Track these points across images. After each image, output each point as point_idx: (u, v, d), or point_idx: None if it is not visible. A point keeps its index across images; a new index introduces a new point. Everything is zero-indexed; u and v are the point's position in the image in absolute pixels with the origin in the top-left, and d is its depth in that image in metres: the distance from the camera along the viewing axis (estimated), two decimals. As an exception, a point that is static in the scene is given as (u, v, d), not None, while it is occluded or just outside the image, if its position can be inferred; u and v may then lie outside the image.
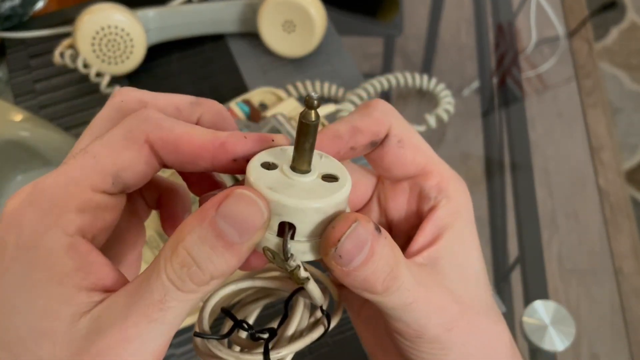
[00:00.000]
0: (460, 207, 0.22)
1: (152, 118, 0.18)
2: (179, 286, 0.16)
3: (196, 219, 0.16)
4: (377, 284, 0.18)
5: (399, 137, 0.22)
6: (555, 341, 0.45)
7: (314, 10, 0.55)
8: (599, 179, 0.89)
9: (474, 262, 0.22)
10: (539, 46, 0.83)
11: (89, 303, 0.16)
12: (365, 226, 0.17)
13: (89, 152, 0.18)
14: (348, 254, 0.17)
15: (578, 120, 0.83)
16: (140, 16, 0.56)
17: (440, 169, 0.22)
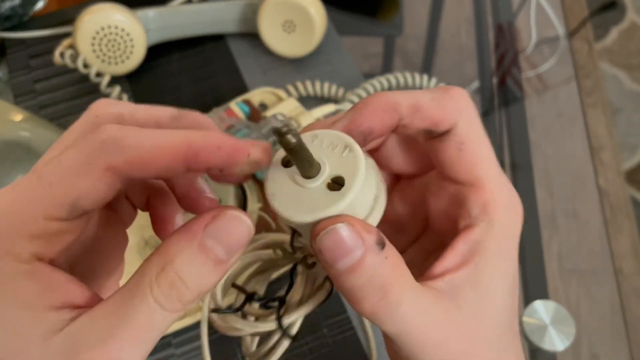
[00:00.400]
0: (501, 238, 0.20)
1: (113, 140, 0.16)
2: (166, 307, 0.16)
3: (184, 240, 0.16)
4: (364, 303, 0.17)
5: (461, 139, 0.20)
6: (555, 341, 0.45)
7: (314, 10, 0.55)
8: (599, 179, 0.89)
9: (500, 300, 0.19)
10: (539, 46, 0.83)
11: (60, 321, 0.16)
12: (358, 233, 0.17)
13: (43, 177, 0.16)
14: (327, 251, 0.17)
15: (578, 120, 0.83)
16: (140, 16, 0.56)
17: (496, 190, 0.20)
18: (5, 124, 0.44)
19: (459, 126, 0.20)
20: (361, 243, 0.17)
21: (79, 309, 0.16)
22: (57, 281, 0.16)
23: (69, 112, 0.57)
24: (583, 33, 0.93)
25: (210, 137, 0.17)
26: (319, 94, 0.57)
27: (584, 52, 0.92)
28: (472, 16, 0.85)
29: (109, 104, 0.19)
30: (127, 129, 0.17)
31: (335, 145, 0.19)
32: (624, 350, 0.64)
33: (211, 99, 0.57)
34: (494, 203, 0.20)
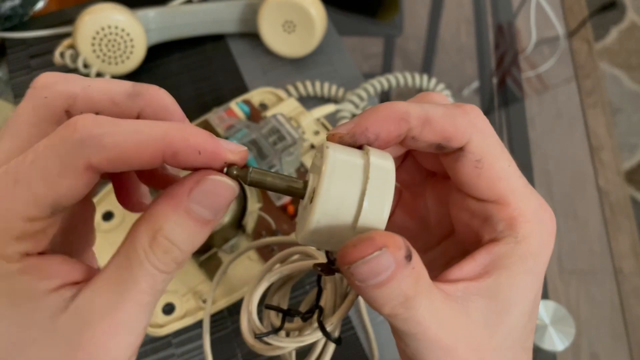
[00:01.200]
0: (528, 253, 0.19)
1: (91, 138, 0.16)
2: (164, 270, 0.17)
3: (169, 207, 0.17)
4: (385, 307, 0.17)
5: (479, 156, 0.19)
6: (555, 341, 0.45)
7: (314, 11, 0.55)
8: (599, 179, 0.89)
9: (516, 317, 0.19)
10: (538, 46, 0.83)
11: (62, 301, 0.16)
12: (392, 254, 0.17)
13: (20, 180, 0.16)
14: (361, 275, 0.17)
15: (578, 120, 0.83)
16: (141, 16, 0.56)
17: (522, 203, 0.19)
18: (6, 124, 0.44)
19: (473, 143, 0.19)
20: (393, 262, 0.17)
21: (78, 284, 0.17)
22: (50, 267, 0.17)
23: (69, 112, 0.57)
24: (583, 33, 0.93)
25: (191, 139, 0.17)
26: (319, 94, 0.57)
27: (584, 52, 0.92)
28: (472, 16, 0.85)
29: (56, 80, 0.18)
30: (104, 123, 0.16)
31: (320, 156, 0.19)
32: (623, 349, 0.64)
33: (211, 99, 0.57)
34: (522, 218, 0.19)
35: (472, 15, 0.86)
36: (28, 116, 0.18)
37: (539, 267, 0.19)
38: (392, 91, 0.63)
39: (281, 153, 0.45)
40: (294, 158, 0.47)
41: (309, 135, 0.51)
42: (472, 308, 0.19)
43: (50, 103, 0.18)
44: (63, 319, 0.16)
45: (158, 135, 0.16)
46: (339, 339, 0.23)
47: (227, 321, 0.44)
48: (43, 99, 0.18)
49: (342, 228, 0.18)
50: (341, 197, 0.18)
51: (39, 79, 0.18)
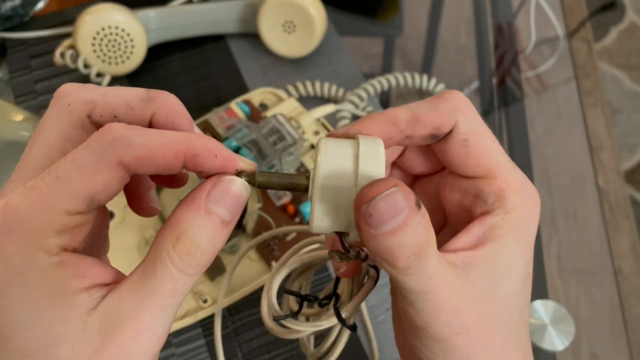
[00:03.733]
0: (518, 222, 0.20)
1: (122, 138, 0.18)
2: (187, 272, 0.18)
3: (191, 210, 0.18)
4: (400, 259, 0.18)
5: (465, 136, 0.21)
6: (554, 341, 0.45)
7: (314, 11, 0.55)
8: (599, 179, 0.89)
9: (512, 284, 0.20)
10: (538, 46, 0.83)
11: (92, 300, 0.17)
12: (405, 195, 0.18)
13: (61, 177, 0.17)
14: (379, 215, 0.17)
15: (577, 120, 0.83)
16: (141, 16, 0.56)
17: (508, 176, 0.21)
18: (6, 124, 0.44)
19: (459, 125, 0.21)
20: (406, 204, 0.18)
21: (107, 286, 0.18)
22: (84, 266, 0.18)
23: (69, 112, 0.57)
24: (582, 33, 0.93)
25: (209, 144, 0.19)
26: (319, 94, 0.57)
27: (584, 52, 0.92)
28: (472, 16, 0.85)
29: (77, 89, 0.20)
30: (133, 128, 0.18)
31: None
32: (623, 349, 0.64)
33: (211, 99, 0.57)
34: (509, 189, 0.21)
35: (472, 16, 0.86)
36: (54, 122, 0.19)
37: (529, 235, 0.21)
38: (392, 91, 0.63)
39: (281, 153, 0.46)
40: (294, 158, 0.47)
41: (309, 135, 0.51)
42: (473, 276, 0.20)
43: (73, 109, 0.19)
44: (92, 318, 0.17)
45: (181, 139, 0.18)
46: (354, 326, 0.24)
47: (227, 321, 0.44)
48: (67, 105, 0.19)
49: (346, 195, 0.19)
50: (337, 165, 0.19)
51: (61, 89, 0.20)
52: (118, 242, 0.45)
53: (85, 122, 0.20)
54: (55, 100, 0.20)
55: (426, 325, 0.19)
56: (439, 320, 0.19)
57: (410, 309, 0.19)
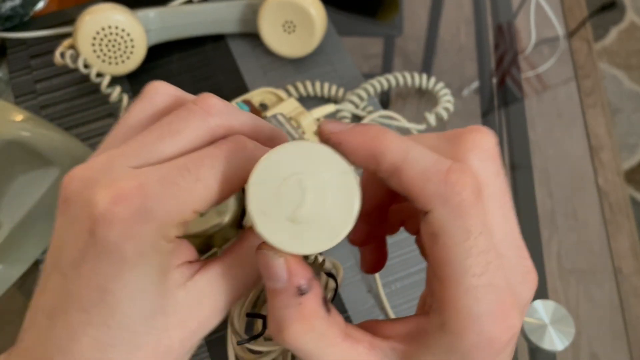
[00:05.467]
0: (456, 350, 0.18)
1: (254, 158, 0.19)
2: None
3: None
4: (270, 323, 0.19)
5: (434, 230, 0.17)
6: (554, 341, 0.45)
7: (314, 11, 0.55)
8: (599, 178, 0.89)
9: None
10: (538, 46, 0.83)
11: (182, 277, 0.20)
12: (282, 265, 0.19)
13: (201, 180, 0.19)
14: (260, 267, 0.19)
15: (577, 120, 0.83)
16: (141, 16, 0.56)
17: (459, 300, 0.17)
18: (6, 124, 0.44)
19: (434, 215, 0.17)
20: (285, 279, 0.19)
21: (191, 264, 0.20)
22: (180, 246, 0.20)
23: (69, 113, 0.57)
24: (582, 33, 0.93)
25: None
26: (319, 94, 0.57)
27: (584, 52, 0.92)
28: (472, 16, 0.85)
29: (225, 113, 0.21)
30: (263, 149, 0.20)
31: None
32: (623, 349, 0.64)
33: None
34: (452, 312, 0.17)
35: (471, 16, 0.86)
36: (199, 135, 0.20)
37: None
38: (392, 91, 0.63)
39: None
40: (294, 158, 0.47)
41: (309, 135, 0.51)
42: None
43: (218, 131, 0.20)
44: (181, 293, 0.19)
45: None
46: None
47: (227, 321, 0.44)
48: (216, 126, 0.20)
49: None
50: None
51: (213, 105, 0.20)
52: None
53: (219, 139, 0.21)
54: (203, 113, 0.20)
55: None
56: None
57: None
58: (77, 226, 0.18)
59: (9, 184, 0.46)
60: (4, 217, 0.46)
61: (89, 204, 0.18)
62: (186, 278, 0.20)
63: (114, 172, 0.18)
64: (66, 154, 0.47)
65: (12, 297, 0.49)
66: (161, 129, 0.20)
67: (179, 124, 0.20)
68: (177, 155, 0.19)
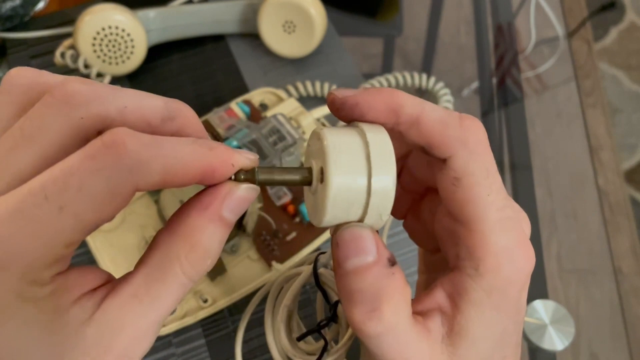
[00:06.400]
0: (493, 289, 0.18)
1: (140, 164, 0.16)
2: (195, 279, 0.17)
3: (205, 219, 0.17)
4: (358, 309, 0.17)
5: (457, 175, 0.18)
6: (554, 340, 0.45)
7: (314, 11, 0.55)
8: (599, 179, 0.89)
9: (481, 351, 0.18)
10: (538, 46, 0.83)
11: (84, 311, 0.16)
12: (375, 241, 0.17)
13: (65, 208, 0.15)
14: (344, 245, 0.17)
15: (577, 120, 0.83)
16: (141, 17, 0.56)
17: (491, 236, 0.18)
18: (6, 124, 0.44)
19: (455, 159, 0.18)
20: (375, 251, 0.17)
21: (97, 290, 0.17)
22: (71, 281, 0.17)
23: (69, 112, 0.57)
24: (582, 33, 0.93)
25: (225, 156, 0.17)
26: (319, 94, 0.57)
27: (584, 53, 0.92)
28: (472, 16, 0.85)
29: (91, 99, 0.17)
30: (149, 145, 0.16)
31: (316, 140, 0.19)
32: (623, 349, 0.64)
33: (211, 99, 0.57)
34: (484, 250, 0.18)
35: (471, 16, 0.86)
36: (60, 135, 0.16)
37: (508, 305, 0.19)
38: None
39: (281, 153, 0.46)
40: (294, 158, 0.47)
41: (309, 135, 0.51)
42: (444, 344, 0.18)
43: (86, 124, 0.17)
44: (89, 329, 0.16)
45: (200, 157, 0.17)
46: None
47: (227, 321, 0.44)
48: (79, 119, 0.16)
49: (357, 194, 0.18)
50: (349, 165, 0.18)
51: (70, 92, 0.17)
52: (118, 242, 0.45)
53: (93, 136, 0.17)
54: (66, 109, 0.16)
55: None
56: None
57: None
58: None
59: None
60: (4, 217, 0.46)
61: None
62: (90, 311, 0.16)
63: None
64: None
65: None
66: (13, 137, 0.16)
67: (33, 127, 0.16)
68: (38, 171, 0.16)
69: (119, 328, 0.16)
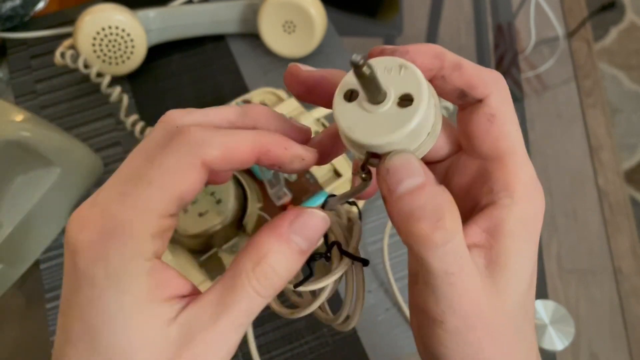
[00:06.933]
0: (526, 218, 0.20)
1: (203, 139, 0.19)
2: (263, 295, 0.19)
3: (273, 237, 0.19)
4: (422, 223, 0.18)
5: (493, 112, 0.21)
6: (554, 340, 0.45)
7: (314, 11, 0.55)
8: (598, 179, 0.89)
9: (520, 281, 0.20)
10: (538, 46, 0.83)
11: (172, 311, 0.18)
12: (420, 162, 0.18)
13: (153, 182, 0.18)
14: (395, 171, 0.18)
15: (577, 120, 0.83)
16: (141, 17, 0.56)
17: (521, 167, 0.20)
18: (6, 124, 0.44)
19: (492, 98, 0.21)
20: (423, 173, 0.18)
21: (184, 298, 0.19)
22: (167, 277, 0.19)
23: (69, 113, 0.57)
24: (582, 33, 0.93)
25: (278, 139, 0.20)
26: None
27: (584, 53, 0.92)
28: (472, 17, 0.86)
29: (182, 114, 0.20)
30: (210, 130, 0.19)
31: (390, 69, 0.20)
32: (623, 349, 0.64)
33: (211, 99, 0.57)
34: (518, 180, 0.20)
35: (471, 16, 0.86)
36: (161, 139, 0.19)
37: (536, 232, 0.21)
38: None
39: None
40: (294, 158, 0.47)
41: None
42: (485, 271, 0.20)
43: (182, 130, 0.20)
44: (171, 329, 0.18)
45: (254, 137, 0.20)
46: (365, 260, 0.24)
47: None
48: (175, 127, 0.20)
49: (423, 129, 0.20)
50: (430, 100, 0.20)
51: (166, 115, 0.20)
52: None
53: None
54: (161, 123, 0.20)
55: (445, 318, 0.19)
56: (460, 311, 0.19)
57: (431, 298, 0.19)
58: (65, 265, 0.19)
59: (9, 184, 0.46)
60: (4, 217, 0.46)
61: (67, 242, 0.18)
62: (177, 311, 0.18)
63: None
64: (66, 154, 0.47)
65: (12, 297, 0.49)
66: None
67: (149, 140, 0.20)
68: None
69: (195, 332, 0.18)
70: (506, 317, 0.20)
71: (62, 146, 0.47)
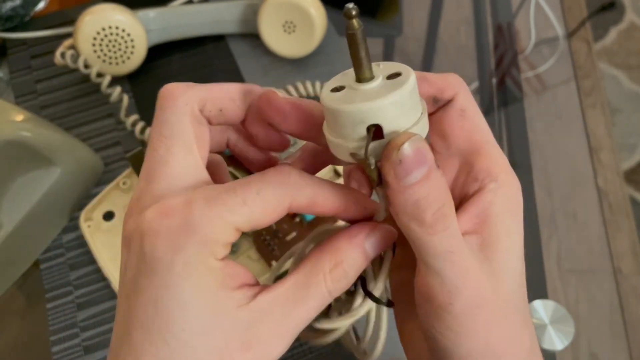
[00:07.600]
0: (509, 198, 0.22)
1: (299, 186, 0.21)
2: (333, 295, 0.21)
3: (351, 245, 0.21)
4: (427, 212, 0.19)
5: (463, 107, 0.22)
6: (554, 340, 0.45)
7: (314, 11, 0.55)
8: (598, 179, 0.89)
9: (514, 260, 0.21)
10: (538, 46, 0.83)
11: (244, 298, 0.20)
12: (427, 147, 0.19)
13: (247, 203, 0.19)
14: (408, 161, 0.18)
15: (577, 120, 0.83)
16: (141, 17, 0.56)
17: (496, 155, 0.22)
18: (6, 124, 0.44)
19: (460, 95, 0.22)
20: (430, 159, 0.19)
21: (252, 287, 0.20)
22: (235, 270, 0.20)
23: (69, 113, 0.57)
24: (582, 33, 0.93)
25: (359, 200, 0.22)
26: (319, 94, 0.57)
27: (583, 53, 0.92)
28: (472, 17, 0.86)
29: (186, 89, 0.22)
30: (305, 177, 0.21)
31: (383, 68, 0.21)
32: (623, 349, 0.64)
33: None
34: (498, 165, 0.22)
35: (471, 16, 0.86)
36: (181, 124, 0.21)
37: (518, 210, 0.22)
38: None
39: (281, 153, 0.46)
40: (294, 158, 0.47)
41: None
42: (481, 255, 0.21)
43: (193, 109, 0.22)
44: (242, 313, 0.19)
45: (338, 198, 0.22)
46: (390, 302, 0.24)
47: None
48: (185, 106, 0.21)
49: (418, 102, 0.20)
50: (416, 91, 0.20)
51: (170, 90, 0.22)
52: (118, 242, 0.45)
53: (200, 117, 0.22)
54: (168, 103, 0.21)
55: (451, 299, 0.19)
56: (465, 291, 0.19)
57: (436, 281, 0.20)
58: (133, 247, 0.20)
59: (9, 184, 0.46)
60: (4, 217, 0.46)
61: (139, 222, 0.19)
62: (247, 299, 0.20)
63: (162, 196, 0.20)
64: (66, 154, 0.48)
65: (12, 297, 0.49)
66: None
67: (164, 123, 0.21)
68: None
69: (267, 320, 0.19)
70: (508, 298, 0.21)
71: (62, 146, 0.47)
